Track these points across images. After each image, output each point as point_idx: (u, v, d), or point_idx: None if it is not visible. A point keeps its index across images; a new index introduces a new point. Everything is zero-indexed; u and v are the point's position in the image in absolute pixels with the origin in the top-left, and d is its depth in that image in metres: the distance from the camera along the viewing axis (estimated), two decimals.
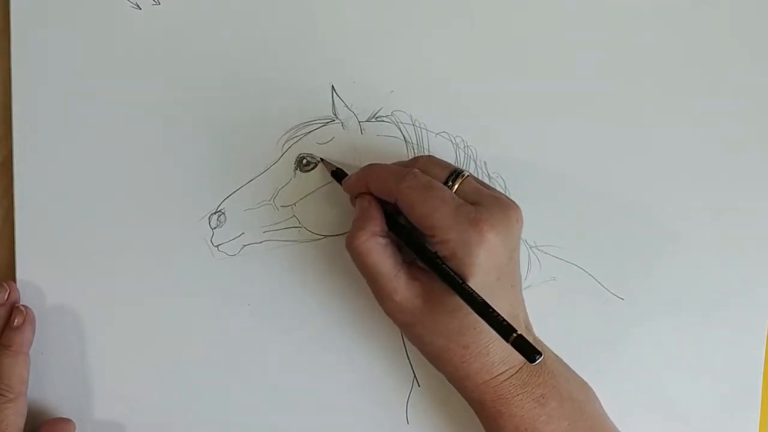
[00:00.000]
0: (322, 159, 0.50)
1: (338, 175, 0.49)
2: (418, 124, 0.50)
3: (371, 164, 0.47)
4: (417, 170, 0.44)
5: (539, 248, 0.51)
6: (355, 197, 0.47)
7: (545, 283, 0.51)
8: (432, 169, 0.45)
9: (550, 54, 0.51)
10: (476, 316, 0.41)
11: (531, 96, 0.51)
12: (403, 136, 0.50)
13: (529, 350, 0.39)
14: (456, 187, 0.45)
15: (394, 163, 0.48)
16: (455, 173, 0.45)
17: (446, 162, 0.46)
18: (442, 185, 0.44)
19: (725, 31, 0.51)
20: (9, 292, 0.49)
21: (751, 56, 0.51)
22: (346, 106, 0.50)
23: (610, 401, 0.47)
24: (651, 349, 0.51)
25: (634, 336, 0.51)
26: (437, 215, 0.42)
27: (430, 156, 0.47)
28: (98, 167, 0.50)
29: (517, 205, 0.44)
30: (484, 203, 0.43)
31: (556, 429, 0.44)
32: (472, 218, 0.42)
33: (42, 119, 0.50)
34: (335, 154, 0.50)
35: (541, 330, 0.47)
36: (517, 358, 0.44)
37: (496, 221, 0.42)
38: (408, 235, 0.45)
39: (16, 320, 0.49)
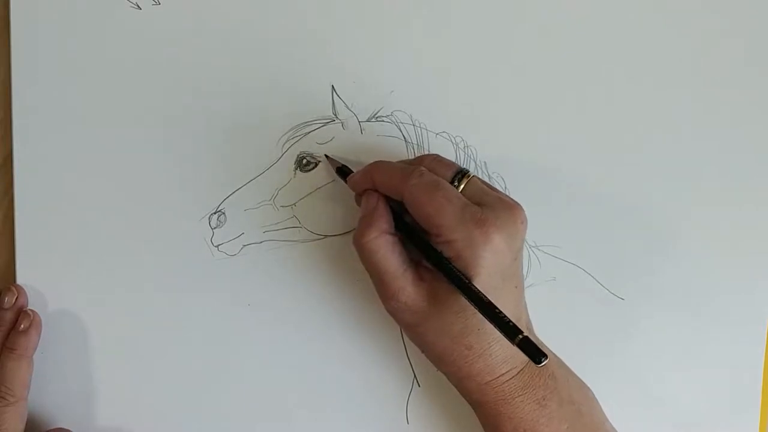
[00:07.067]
0: (326, 155, 0.50)
1: (343, 172, 0.49)
2: (418, 124, 0.50)
3: (377, 161, 0.47)
4: (424, 168, 0.44)
5: (539, 248, 0.51)
6: (360, 194, 0.47)
7: (545, 283, 0.51)
8: (438, 168, 0.45)
9: (550, 55, 0.51)
10: (481, 317, 0.41)
11: (531, 96, 0.51)
12: (403, 136, 0.50)
13: (534, 352, 0.38)
14: (461, 187, 0.45)
15: (399, 161, 0.48)
16: (461, 173, 0.45)
17: (451, 161, 0.46)
18: (449, 185, 0.44)
19: (725, 30, 0.51)
20: (17, 296, 0.49)
21: (751, 56, 0.51)
22: (346, 106, 0.50)
23: (610, 401, 0.47)
24: (651, 349, 0.51)
25: (634, 336, 0.51)
26: (443, 214, 0.42)
27: (436, 155, 0.47)
28: (98, 167, 0.50)
29: (521, 207, 0.44)
30: (490, 204, 0.43)
31: (556, 431, 0.44)
32: (477, 219, 0.42)
33: (42, 119, 0.50)
34: (335, 154, 0.50)
35: (541, 330, 0.47)
36: (519, 359, 0.44)
37: (501, 222, 0.42)
38: (414, 234, 0.45)
39: (22, 324, 0.49)
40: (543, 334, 0.47)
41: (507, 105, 0.51)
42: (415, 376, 0.51)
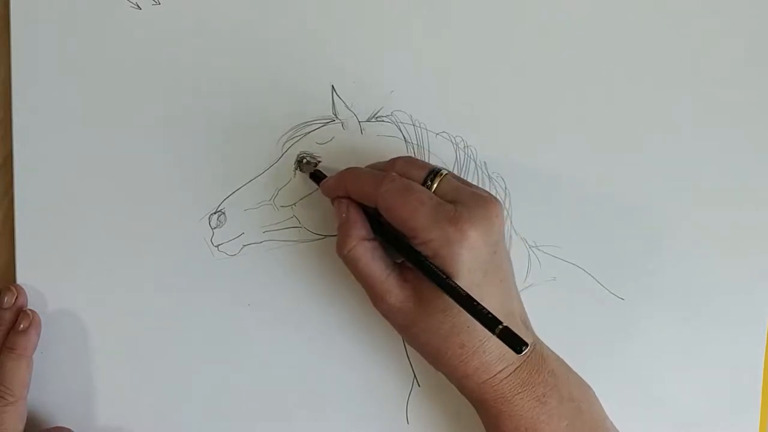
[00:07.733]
0: (301, 158, 0.50)
1: (317, 177, 0.49)
2: (418, 124, 0.50)
3: (349, 168, 0.47)
4: (394, 174, 0.44)
5: (539, 248, 0.51)
6: (333, 199, 0.47)
7: (545, 283, 0.51)
8: (410, 171, 0.45)
9: (550, 54, 0.51)
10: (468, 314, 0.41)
11: (531, 96, 0.51)
12: (403, 136, 0.50)
13: (515, 341, 0.39)
14: (435, 186, 0.45)
15: (371, 165, 0.48)
16: (434, 172, 0.45)
17: (424, 162, 0.46)
18: (420, 186, 0.44)
19: (725, 30, 0.51)
20: (17, 296, 0.49)
21: (751, 56, 0.51)
22: (346, 106, 0.50)
23: (610, 401, 0.47)
24: (651, 349, 0.51)
25: (634, 336, 0.51)
26: (417, 217, 0.42)
27: (408, 157, 0.47)
28: (98, 167, 0.50)
29: (497, 200, 0.44)
30: (464, 201, 0.43)
31: (556, 428, 0.44)
32: (451, 217, 0.42)
33: (42, 119, 0.50)
34: (335, 154, 0.50)
35: (541, 330, 0.47)
36: (514, 355, 0.44)
37: (475, 218, 0.42)
38: (391, 237, 0.45)
39: (22, 324, 0.49)
40: (543, 334, 0.47)
41: (507, 105, 0.51)
42: (415, 376, 0.51)
